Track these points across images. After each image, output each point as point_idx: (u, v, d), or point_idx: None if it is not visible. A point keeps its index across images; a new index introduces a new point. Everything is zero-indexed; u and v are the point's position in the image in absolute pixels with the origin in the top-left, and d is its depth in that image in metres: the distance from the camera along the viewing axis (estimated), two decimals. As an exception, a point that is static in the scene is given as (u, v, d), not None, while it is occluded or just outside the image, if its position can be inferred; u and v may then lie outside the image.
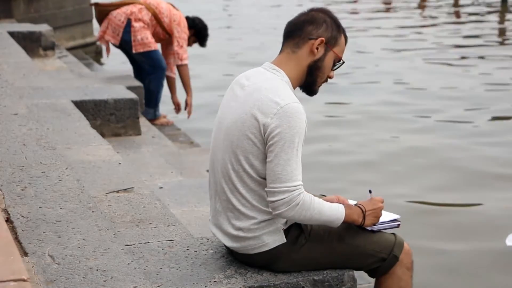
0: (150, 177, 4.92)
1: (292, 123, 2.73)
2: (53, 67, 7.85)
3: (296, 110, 2.74)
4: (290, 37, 2.89)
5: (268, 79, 2.84)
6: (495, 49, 12.78)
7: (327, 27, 2.87)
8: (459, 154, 7.26)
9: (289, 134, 2.72)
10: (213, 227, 3.02)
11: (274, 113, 2.74)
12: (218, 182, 2.92)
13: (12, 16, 10.07)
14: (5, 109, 4.82)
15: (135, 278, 2.71)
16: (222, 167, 2.88)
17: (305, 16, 2.90)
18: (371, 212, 2.93)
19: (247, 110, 2.80)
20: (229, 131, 2.85)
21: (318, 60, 2.88)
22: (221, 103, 2.97)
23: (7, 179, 3.55)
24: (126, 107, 5.94)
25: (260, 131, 2.76)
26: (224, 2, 20.59)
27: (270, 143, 2.74)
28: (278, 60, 2.91)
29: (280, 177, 2.73)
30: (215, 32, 11.87)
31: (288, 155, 2.72)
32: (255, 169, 2.81)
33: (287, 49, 2.89)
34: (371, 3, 19.73)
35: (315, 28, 2.87)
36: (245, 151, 2.80)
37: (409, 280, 3.02)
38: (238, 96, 2.87)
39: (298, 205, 2.74)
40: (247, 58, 11.96)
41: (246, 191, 2.84)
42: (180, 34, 7.40)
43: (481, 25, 15.44)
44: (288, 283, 2.92)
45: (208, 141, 7.00)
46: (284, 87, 2.82)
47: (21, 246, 2.89)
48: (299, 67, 2.88)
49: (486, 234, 5.49)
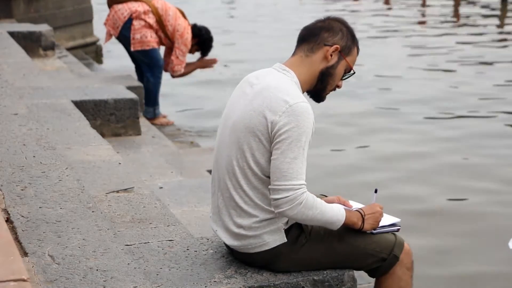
0: (150, 177, 4.92)
1: (301, 122, 2.74)
2: (53, 67, 7.85)
3: (305, 110, 2.76)
4: (305, 41, 2.92)
5: (278, 79, 2.86)
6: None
7: (343, 36, 2.91)
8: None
9: (297, 133, 2.73)
10: (213, 224, 3.02)
11: (282, 111, 2.75)
12: (221, 178, 2.92)
13: (12, 16, 10.07)
14: (5, 109, 4.82)
15: (135, 278, 2.71)
16: (227, 163, 2.89)
17: (322, 23, 2.93)
18: (370, 216, 2.94)
19: (255, 108, 2.81)
20: (236, 127, 2.86)
21: (331, 67, 2.91)
22: (229, 101, 2.99)
23: (7, 179, 3.55)
24: (126, 107, 5.94)
25: (267, 128, 2.77)
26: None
27: (277, 141, 2.75)
28: (290, 62, 2.92)
29: (286, 175, 2.74)
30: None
31: (294, 153, 2.73)
32: (260, 166, 2.81)
33: (301, 53, 2.91)
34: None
35: (331, 36, 2.90)
36: (251, 148, 2.81)
37: (409, 280, 3.02)
38: (246, 94, 2.89)
39: (301, 204, 2.75)
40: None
41: (250, 189, 2.84)
42: (179, 45, 7.42)
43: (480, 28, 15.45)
44: (288, 283, 2.92)
45: (208, 141, 7.07)
46: (293, 87, 2.84)
47: (21, 246, 2.89)
48: (311, 71, 2.90)
49: (486, 234, 5.50)
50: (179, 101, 9.25)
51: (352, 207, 3.03)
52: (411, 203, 6.06)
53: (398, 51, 12.66)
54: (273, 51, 11.83)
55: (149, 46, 7.35)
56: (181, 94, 9.67)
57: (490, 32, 14.62)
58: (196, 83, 9.98)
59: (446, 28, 15.07)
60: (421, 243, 5.17)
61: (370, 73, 10.73)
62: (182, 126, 7.73)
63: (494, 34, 14.52)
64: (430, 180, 6.63)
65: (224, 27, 15.09)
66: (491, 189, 6.39)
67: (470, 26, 15.42)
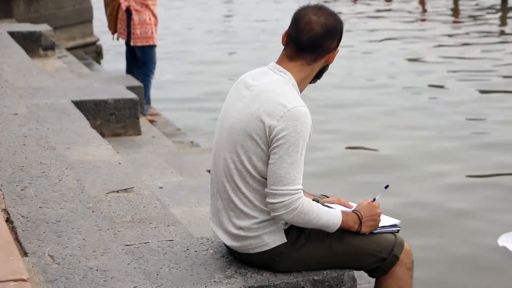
0: (150, 177, 4.92)
1: (298, 127, 2.74)
2: (53, 67, 7.85)
3: (303, 114, 2.76)
4: (307, 52, 2.85)
5: (275, 81, 2.84)
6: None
7: (339, 36, 2.91)
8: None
9: (294, 138, 2.73)
10: (213, 225, 3.02)
11: (280, 116, 2.75)
12: (220, 180, 2.92)
13: (12, 16, 10.07)
14: (5, 109, 4.82)
15: (135, 278, 2.71)
16: (224, 165, 2.89)
17: (321, 29, 2.84)
18: (369, 218, 2.94)
19: (253, 111, 2.80)
20: (233, 130, 2.85)
21: (328, 63, 2.94)
22: (225, 102, 2.97)
23: (7, 179, 3.55)
24: (126, 107, 5.94)
25: (265, 132, 2.77)
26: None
27: (275, 145, 2.75)
28: (287, 66, 2.88)
29: (283, 180, 2.74)
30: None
31: (292, 158, 2.73)
32: (257, 169, 2.81)
33: (302, 61, 2.87)
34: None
35: (332, 41, 2.88)
36: (248, 151, 2.81)
37: (409, 280, 3.02)
38: (244, 96, 2.87)
39: (297, 209, 2.76)
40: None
41: (248, 191, 2.84)
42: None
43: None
44: (288, 283, 2.92)
45: (208, 141, 7.06)
46: (291, 90, 2.83)
47: (21, 246, 2.89)
48: (311, 75, 2.92)
49: (487, 234, 5.50)
50: (179, 101, 9.26)
51: (352, 207, 3.03)
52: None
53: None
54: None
55: (148, 42, 7.43)
56: (182, 94, 9.69)
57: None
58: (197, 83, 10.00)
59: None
60: (423, 242, 5.18)
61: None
62: (182, 126, 7.73)
63: None
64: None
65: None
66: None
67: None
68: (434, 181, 6.57)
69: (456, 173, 6.76)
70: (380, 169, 6.88)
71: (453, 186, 6.45)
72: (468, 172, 6.83)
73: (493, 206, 6.01)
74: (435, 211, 5.94)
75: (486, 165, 6.98)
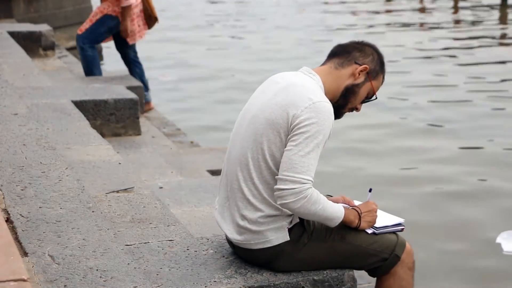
0: (150, 177, 4.92)
1: (321, 119, 2.77)
2: (53, 67, 7.85)
3: (327, 109, 2.81)
4: (336, 56, 3.00)
5: (304, 79, 2.92)
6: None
7: (373, 60, 2.99)
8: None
9: (315, 129, 2.76)
10: (218, 216, 3.03)
11: (305, 107, 2.79)
12: (232, 170, 2.93)
13: (12, 16, 10.08)
14: (5, 109, 4.82)
15: (135, 278, 2.71)
16: (240, 154, 2.90)
17: (356, 44, 3.04)
18: (366, 213, 2.96)
19: (278, 101, 2.85)
20: (256, 119, 2.88)
21: (356, 85, 2.97)
22: (250, 97, 3.03)
23: (7, 179, 3.55)
24: (126, 107, 5.94)
25: (287, 122, 2.80)
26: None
27: (295, 133, 2.78)
28: (317, 69, 2.99)
29: (296, 167, 2.74)
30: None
31: (309, 148, 2.75)
32: (275, 160, 2.83)
33: (330, 64, 2.99)
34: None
35: (363, 56, 2.99)
36: (268, 140, 2.83)
37: (411, 280, 3.02)
38: (270, 90, 2.93)
39: (305, 199, 2.75)
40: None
41: (260, 182, 2.85)
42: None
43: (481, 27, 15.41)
44: (288, 283, 2.92)
45: (209, 141, 7.05)
46: (318, 89, 2.89)
47: (21, 246, 2.89)
48: (337, 84, 2.96)
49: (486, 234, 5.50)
50: (179, 100, 9.25)
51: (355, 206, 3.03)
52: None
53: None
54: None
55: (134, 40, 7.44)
56: (181, 93, 9.68)
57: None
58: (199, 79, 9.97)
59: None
60: (423, 242, 5.17)
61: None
62: (182, 126, 7.73)
63: None
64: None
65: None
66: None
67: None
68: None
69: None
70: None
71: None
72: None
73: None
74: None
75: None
